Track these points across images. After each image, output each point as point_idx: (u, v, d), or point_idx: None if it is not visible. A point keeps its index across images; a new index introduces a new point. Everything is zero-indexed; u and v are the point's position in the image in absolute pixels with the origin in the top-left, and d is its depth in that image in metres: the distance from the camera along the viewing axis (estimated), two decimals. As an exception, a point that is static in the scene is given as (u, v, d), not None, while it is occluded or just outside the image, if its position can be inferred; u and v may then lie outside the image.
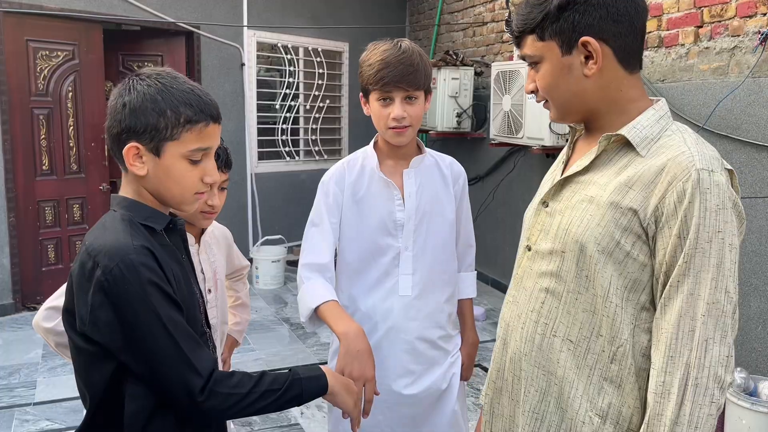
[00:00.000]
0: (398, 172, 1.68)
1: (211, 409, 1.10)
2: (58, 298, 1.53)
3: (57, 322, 1.50)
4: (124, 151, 1.12)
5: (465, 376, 1.83)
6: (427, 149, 1.75)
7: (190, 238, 1.66)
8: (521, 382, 1.21)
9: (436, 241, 1.70)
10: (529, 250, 1.22)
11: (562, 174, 1.21)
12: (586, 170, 1.15)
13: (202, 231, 1.75)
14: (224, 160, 1.64)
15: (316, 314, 1.54)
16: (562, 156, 1.29)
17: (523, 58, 1.18)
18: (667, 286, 1.03)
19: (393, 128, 1.60)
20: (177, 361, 1.08)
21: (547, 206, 1.20)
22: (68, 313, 1.13)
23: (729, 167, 1.07)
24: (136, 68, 5.35)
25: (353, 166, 1.70)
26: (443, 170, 1.74)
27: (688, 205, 1.00)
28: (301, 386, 1.19)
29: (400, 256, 1.66)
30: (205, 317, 1.31)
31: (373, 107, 1.63)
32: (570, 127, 1.26)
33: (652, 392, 1.02)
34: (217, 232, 1.83)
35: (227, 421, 1.36)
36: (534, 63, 1.15)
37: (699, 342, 0.99)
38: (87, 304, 1.07)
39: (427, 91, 1.64)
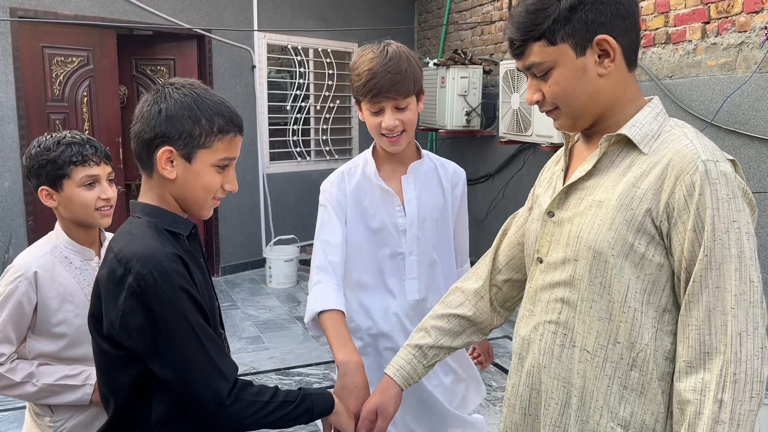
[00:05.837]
0: (397, 178, 1.69)
1: (235, 414, 1.12)
2: None
3: None
4: (158, 154, 1.16)
5: (484, 365, 1.92)
6: (427, 152, 1.76)
7: (90, 253, 1.66)
8: (540, 396, 1.17)
9: (438, 244, 1.72)
10: (541, 262, 1.18)
11: (564, 182, 1.18)
12: (589, 175, 1.11)
13: (101, 244, 1.72)
14: (103, 152, 1.62)
15: (320, 319, 1.54)
16: (557, 163, 1.26)
17: (528, 68, 1.11)
18: (691, 282, 0.99)
19: (386, 137, 1.60)
20: (206, 366, 1.11)
21: (553, 216, 1.16)
22: (94, 318, 1.17)
23: (731, 158, 1.05)
24: (149, 72, 5.43)
25: (353, 174, 1.71)
26: (442, 175, 1.75)
27: (699, 198, 0.98)
28: (312, 401, 1.23)
29: (405, 261, 1.68)
30: (220, 320, 1.34)
31: (365, 116, 1.63)
32: (563, 134, 1.22)
33: (690, 390, 0.98)
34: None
35: None
36: (543, 71, 1.09)
37: (733, 336, 0.95)
38: (117, 309, 1.09)
39: (419, 93, 1.63)
